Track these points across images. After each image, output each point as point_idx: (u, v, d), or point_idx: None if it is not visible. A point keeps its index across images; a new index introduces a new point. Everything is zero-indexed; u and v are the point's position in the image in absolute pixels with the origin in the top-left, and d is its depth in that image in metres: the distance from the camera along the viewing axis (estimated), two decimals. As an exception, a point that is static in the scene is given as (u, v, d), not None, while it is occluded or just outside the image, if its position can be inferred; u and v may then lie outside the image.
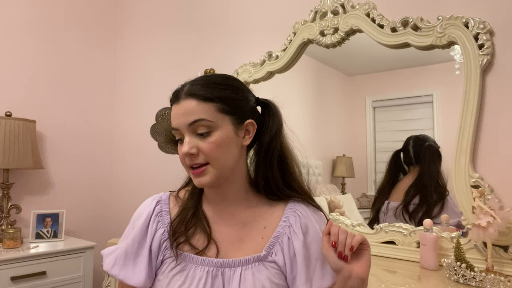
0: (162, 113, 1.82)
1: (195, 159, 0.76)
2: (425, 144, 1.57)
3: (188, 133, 0.77)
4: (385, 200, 1.64)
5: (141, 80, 2.58)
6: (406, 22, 1.43)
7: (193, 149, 0.76)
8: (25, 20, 2.29)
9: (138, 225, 0.83)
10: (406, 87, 1.70)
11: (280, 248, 0.79)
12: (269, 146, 0.83)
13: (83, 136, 2.54)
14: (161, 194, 0.89)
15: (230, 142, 0.78)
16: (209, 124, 0.76)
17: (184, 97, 0.79)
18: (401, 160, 1.64)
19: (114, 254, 0.82)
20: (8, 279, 1.78)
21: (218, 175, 0.77)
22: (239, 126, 0.80)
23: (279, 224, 0.81)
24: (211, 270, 0.77)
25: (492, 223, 1.11)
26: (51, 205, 2.31)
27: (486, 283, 1.09)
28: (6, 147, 1.95)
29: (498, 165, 1.28)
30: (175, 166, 2.11)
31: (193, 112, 0.76)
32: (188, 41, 2.31)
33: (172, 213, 0.84)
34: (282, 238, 0.80)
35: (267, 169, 0.83)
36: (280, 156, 0.84)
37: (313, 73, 1.96)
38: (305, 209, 0.83)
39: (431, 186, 1.52)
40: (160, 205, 0.85)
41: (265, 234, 0.81)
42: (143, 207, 0.86)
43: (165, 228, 0.82)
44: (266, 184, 0.84)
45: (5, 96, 2.18)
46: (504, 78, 1.28)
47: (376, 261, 1.40)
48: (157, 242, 0.81)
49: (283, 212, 0.83)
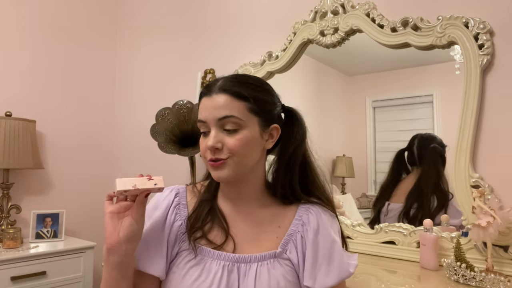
0: (162, 113, 1.81)
1: (218, 154, 0.76)
2: (430, 145, 1.55)
3: (215, 128, 0.77)
4: (385, 201, 1.63)
5: (141, 80, 2.58)
6: (406, 22, 1.43)
7: (218, 143, 0.76)
8: (25, 20, 2.29)
9: (156, 216, 0.83)
10: (406, 87, 1.70)
11: (294, 245, 0.81)
12: (293, 154, 0.84)
13: (83, 136, 2.54)
14: (177, 186, 0.89)
15: (255, 142, 0.79)
16: (239, 122, 0.76)
17: (217, 91, 0.78)
18: (404, 159, 1.63)
19: None
20: (8, 279, 1.78)
21: (237, 171, 0.78)
22: (265, 129, 0.81)
23: (293, 223, 0.83)
24: (227, 265, 0.78)
25: (492, 223, 1.11)
26: (51, 205, 2.31)
27: (486, 283, 1.09)
28: (6, 147, 1.95)
29: (498, 165, 1.28)
30: (175, 166, 2.11)
31: (224, 107, 0.76)
32: (188, 41, 2.31)
33: (190, 207, 0.85)
34: (296, 236, 0.82)
35: (288, 176, 0.84)
36: (303, 164, 0.85)
37: (313, 73, 1.96)
38: (318, 208, 0.85)
39: (430, 190, 1.50)
40: (179, 197, 0.86)
41: (279, 233, 0.83)
42: (161, 197, 0.86)
43: (182, 221, 0.83)
44: (283, 189, 0.85)
45: (5, 96, 2.18)
46: (504, 78, 1.28)
47: (376, 261, 1.40)
48: (174, 234, 0.82)
49: (297, 211, 0.85)
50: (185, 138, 1.80)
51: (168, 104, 1.85)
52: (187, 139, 1.79)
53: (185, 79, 2.26)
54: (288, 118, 0.88)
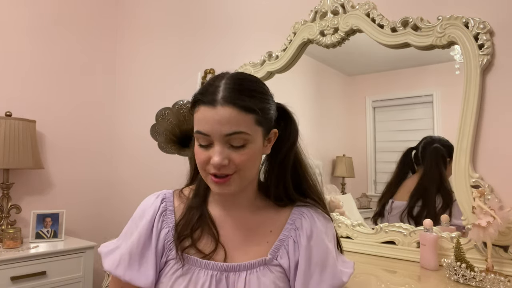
0: (162, 113, 1.81)
1: (224, 170, 0.72)
2: (432, 145, 1.55)
3: (221, 143, 0.72)
4: (390, 198, 1.63)
5: (141, 80, 2.58)
6: (406, 22, 1.43)
7: (225, 160, 0.71)
8: (25, 20, 2.29)
9: (143, 224, 0.80)
10: (406, 87, 1.70)
11: (286, 251, 0.78)
12: (286, 155, 0.81)
13: (83, 136, 2.54)
14: (164, 191, 0.86)
15: (259, 153, 0.77)
16: (247, 137, 0.72)
17: (222, 103, 0.71)
18: (411, 158, 1.63)
19: (117, 254, 0.80)
20: (8, 279, 1.78)
21: (241, 185, 0.76)
22: (265, 137, 0.78)
23: (285, 227, 0.81)
24: (216, 274, 0.75)
25: (492, 223, 1.11)
26: (51, 205, 2.31)
27: (486, 283, 1.09)
28: (6, 147, 1.95)
29: (498, 165, 1.28)
30: (175, 166, 2.11)
31: (232, 122, 0.70)
32: (188, 40, 2.31)
33: (177, 213, 0.82)
34: (288, 241, 0.79)
35: (281, 177, 0.82)
36: (295, 164, 0.83)
37: (313, 73, 1.96)
38: (311, 212, 0.82)
39: (434, 191, 1.50)
40: (165, 203, 0.83)
41: (270, 238, 0.80)
42: (147, 205, 0.83)
43: (169, 229, 0.80)
44: (276, 189, 0.83)
45: (5, 96, 2.18)
46: (504, 78, 1.28)
47: (376, 261, 1.40)
48: (162, 243, 0.79)
49: (290, 214, 0.82)
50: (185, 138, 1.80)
51: (168, 104, 1.85)
52: (187, 139, 1.79)
53: (185, 79, 2.26)
54: (280, 116, 0.83)
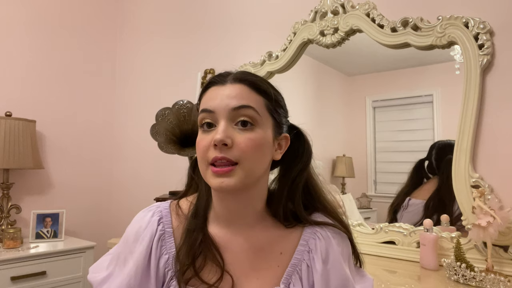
0: (162, 113, 1.81)
1: (225, 153, 0.63)
2: (445, 157, 1.49)
3: (226, 120, 0.64)
4: (406, 197, 1.61)
5: (141, 80, 2.58)
6: (406, 22, 1.43)
7: (228, 138, 0.63)
8: (25, 20, 2.29)
9: (140, 252, 0.70)
10: (406, 87, 1.70)
11: (299, 277, 0.71)
12: (298, 176, 0.74)
13: (83, 136, 2.54)
14: (160, 206, 0.75)
15: (267, 148, 0.68)
16: (256, 116, 0.65)
17: (232, 81, 0.67)
18: (424, 169, 1.60)
19: (113, 286, 0.71)
20: (8, 279, 1.78)
21: (244, 180, 0.65)
22: (277, 135, 0.71)
23: (297, 249, 0.73)
24: None
25: (492, 223, 1.11)
26: (51, 205, 2.31)
27: (486, 283, 1.09)
28: (6, 147, 1.95)
29: (498, 165, 1.28)
30: (175, 166, 2.11)
31: (241, 96, 0.65)
32: (188, 41, 2.31)
33: (176, 236, 0.72)
34: (301, 265, 0.71)
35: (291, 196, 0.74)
36: (308, 185, 0.76)
37: (313, 73, 1.96)
38: (325, 230, 0.74)
39: (451, 201, 1.43)
40: (162, 224, 0.72)
41: (281, 262, 0.72)
42: (141, 226, 0.72)
43: (169, 255, 0.70)
44: (285, 209, 0.75)
45: (5, 96, 2.18)
46: (504, 78, 1.28)
47: (376, 261, 1.40)
48: (162, 271, 0.70)
49: (301, 234, 0.74)
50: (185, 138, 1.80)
51: (168, 104, 1.85)
52: (187, 139, 1.79)
53: (185, 79, 2.26)
54: (294, 137, 0.76)
